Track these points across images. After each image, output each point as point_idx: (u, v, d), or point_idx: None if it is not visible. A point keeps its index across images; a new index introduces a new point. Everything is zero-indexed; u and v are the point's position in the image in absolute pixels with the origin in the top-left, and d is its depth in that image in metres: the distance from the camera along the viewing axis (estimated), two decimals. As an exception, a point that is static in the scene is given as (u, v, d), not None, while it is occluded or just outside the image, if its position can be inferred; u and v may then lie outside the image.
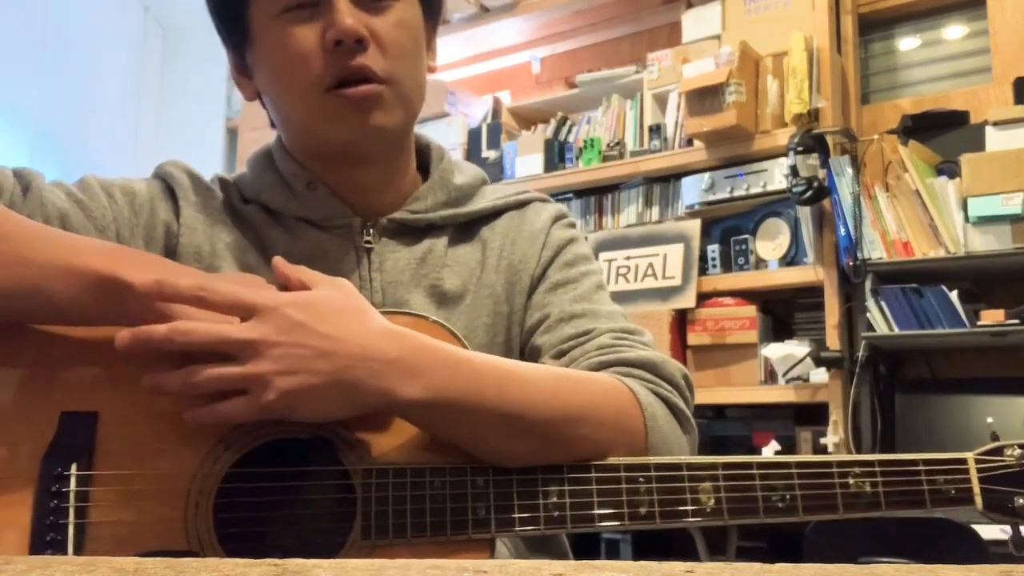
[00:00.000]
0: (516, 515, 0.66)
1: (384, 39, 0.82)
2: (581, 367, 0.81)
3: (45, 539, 0.63)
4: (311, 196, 0.88)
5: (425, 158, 0.96)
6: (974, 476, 0.70)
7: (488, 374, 0.69)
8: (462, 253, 0.91)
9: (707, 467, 0.68)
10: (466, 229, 0.93)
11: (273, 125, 0.93)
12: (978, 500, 0.70)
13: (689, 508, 0.67)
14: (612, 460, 0.69)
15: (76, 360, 0.69)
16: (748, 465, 0.69)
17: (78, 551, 0.63)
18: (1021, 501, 0.70)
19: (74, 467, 0.65)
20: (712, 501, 0.67)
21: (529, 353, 0.89)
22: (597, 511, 0.67)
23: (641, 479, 0.67)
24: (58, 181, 0.85)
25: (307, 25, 0.81)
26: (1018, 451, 0.71)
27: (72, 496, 0.64)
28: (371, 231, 0.89)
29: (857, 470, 0.69)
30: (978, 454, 0.71)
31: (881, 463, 0.70)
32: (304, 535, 0.68)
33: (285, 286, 0.71)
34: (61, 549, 0.63)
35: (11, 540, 0.63)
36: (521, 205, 0.96)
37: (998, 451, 0.72)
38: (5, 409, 0.67)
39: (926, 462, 0.70)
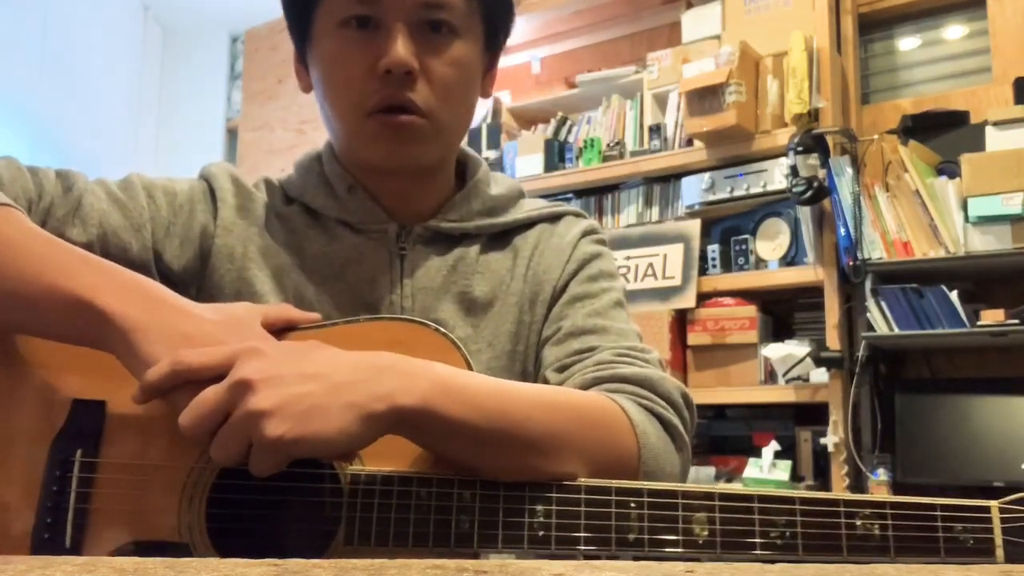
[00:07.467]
0: (500, 532, 0.64)
1: (434, 76, 0.84)
2: (576, 382, 0.82)
3: (46, 521, 0.65)
4: (351, 199, 0.91)
5: (463, 167, 0.97)
6: (997, 526, 0.63)
7: (480, 388, 0.67)
8: (493, 260, 0.93)
9: (703, 496, 0.65)
10: (500, 238, 0.95)
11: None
12: (999, 552, 0.63)
13: (680, 538, 0.64)
14: (604, 482, 0.66)
15: (89, 349, 0.69)
16: (748, 497, 0.65)
17: (76, 534, 0.65)
18: None
19: (79, 453, 0.67)
20: (705, 532, 0.64)
21: (536, 363, 0.90)
22: (583, 534, 0.64)
23: (632, 504, 0.65)
24: (101, 179, 0.87)
25: (361, 48, 0.83)
26: None
27: (74, 481, 0.66)
28: (406, 238, 0.91)
29: (867, 511, 0.64)
30: (1004, 503, 0.64)
31: (893, 505, 0.64)
32: (291, 535, 0.68)
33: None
34: (60, 532, 0.65)
35: (16, 520, 0.66)
36: (554, 218, 0.98)
37: None
38: (23, 394, 0.69)
39: (944, 507, 0.64)
